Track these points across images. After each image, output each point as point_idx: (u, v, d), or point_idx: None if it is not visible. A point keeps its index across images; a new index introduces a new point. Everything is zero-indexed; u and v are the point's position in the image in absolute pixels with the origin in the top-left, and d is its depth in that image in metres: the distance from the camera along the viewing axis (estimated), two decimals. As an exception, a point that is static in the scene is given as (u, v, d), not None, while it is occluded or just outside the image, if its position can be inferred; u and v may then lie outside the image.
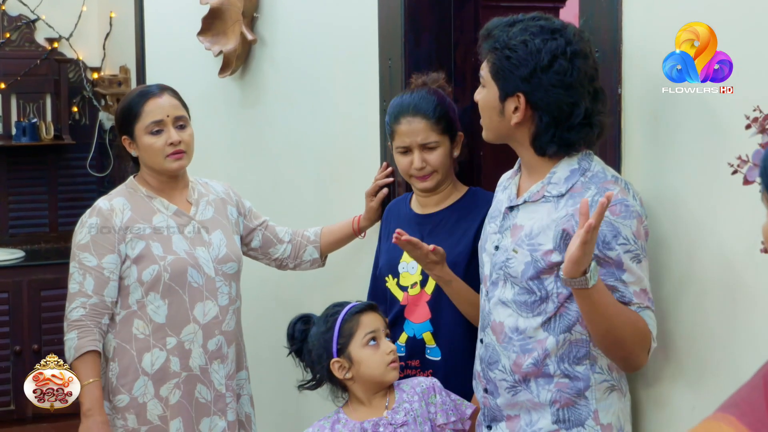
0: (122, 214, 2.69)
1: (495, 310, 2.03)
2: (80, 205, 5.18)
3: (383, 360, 2.21)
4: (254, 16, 3.61)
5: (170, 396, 2.69)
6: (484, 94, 2.02)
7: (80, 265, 2.67)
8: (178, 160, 2.70)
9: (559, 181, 1.98)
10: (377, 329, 2.25)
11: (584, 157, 1.99)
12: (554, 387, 1.97)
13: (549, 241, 1.94)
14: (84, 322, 2.65)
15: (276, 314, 3.64)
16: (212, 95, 3.91)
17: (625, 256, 1.89)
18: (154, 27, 4.70)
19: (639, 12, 2.04)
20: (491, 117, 2.01)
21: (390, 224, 2.62)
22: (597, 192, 1.92)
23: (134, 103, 2.71)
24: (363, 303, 2.31)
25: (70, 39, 5.29)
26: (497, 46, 1.95)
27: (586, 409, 1.96)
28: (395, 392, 2.26)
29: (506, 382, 2.02)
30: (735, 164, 1.64)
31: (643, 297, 1.91)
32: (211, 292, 2.71)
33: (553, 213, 1.95)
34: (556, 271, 1.93)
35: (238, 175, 3.73)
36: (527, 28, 1.94)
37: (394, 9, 2.83)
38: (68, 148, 5.34)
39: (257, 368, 3.22)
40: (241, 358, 2.84)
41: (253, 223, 2.93)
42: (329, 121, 3.25)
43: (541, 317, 1.96)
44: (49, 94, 5.28)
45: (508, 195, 2.09)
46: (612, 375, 1.98)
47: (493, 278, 2.05)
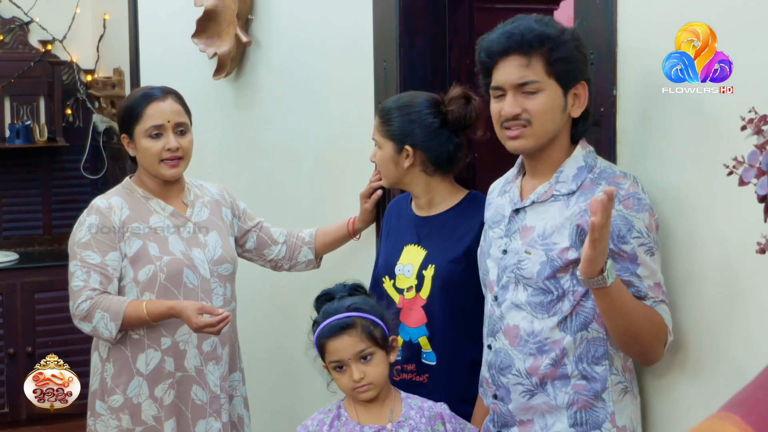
0: (120, 212, 2.69)
1: (508, 314, 2.02)
2: (74, 207, 5.19)
3: (348, 386, 2.17)
4: (249, 18, 3.60)
5: (165, 396, 2.69)
6: (544, 98, 1.95)
7: (83, 263, 2.64)
8: (173, 168, 2.70)
9: (567, 179, 1.98)
10: (342, 359, 2.16)
11: (589, 155, 2.00)
12: (571, 389, 1.96)
13: (564, 239, 1.94)
14: (95, 300, 2.59)
15: (271, 316, 3.64)
16: (207, 97, 3.91)
17: (640, 249, 1.89)
18: (148, 29, 4.70)
19: (634, 13, 2.04)
20: (554, 118, 1.97)
21: (390, 223, 2.61)
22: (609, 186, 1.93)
23: (136, 105, 2.71)
24: (337, 324, 2.17)
25: (63, 41, 5.28)
26: (561, 39, 1.94)
27: (603, 412, 1.96)
28: (402, 404, 2.21)
29: (521, 386, 2.01)
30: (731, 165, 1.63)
31: (657, 291, 1.91)
32: (206, 293, 2.71)
33: (565, 211, 1.96)
34: (572, 269, 1.93)
35: (232, 177, 3.72)
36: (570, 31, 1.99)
37: (389, 11, 2.84)
38: (62, 150, 5.33)
39: (253, 370, 3.22)
40: (234, 360, 2.83)
41: (247, 224, 2.93)
42: (324, 123, 3.25)
43: (556, 317, 1.96)
44: (42, 97, 5.27)
45: (510, 198, 2.09)
46: (625, 376, 1.98)
47: (503, 282, 2.04)
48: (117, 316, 2.58)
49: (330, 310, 2.22)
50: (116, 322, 2.58)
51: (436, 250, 2.44)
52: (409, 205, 2.57)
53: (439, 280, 2.40)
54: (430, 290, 2.42)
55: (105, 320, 2.59)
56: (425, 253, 2.45)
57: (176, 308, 2.57)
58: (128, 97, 2.82)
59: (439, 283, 2.40)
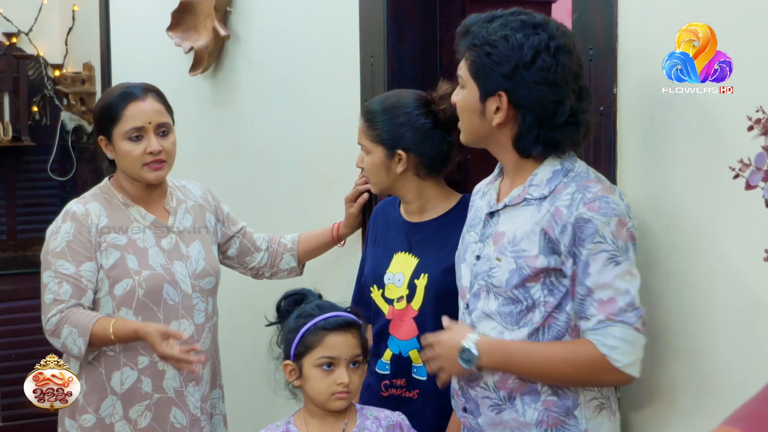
0: (98, 219, 2.65)
1: (479, 324, 2.03)
2: (40, 211, 5.18)
3: (329, 388, 2.14)
4: (227, 11, 3.60)
5: (140, 419, 2.67)
6: (463, 95, 2.02)
7: (56, 274, 2.61)
8: (156, 171, 2.66)
9: (541, 183, 1.98)
10: (338, 357, 2.15)
11: (568, 159, 2.00)
12: (541, 405, 1.97)
13: (534, 246, 1.94)
14: (65, 314, 2.58)
15: (251, 327, 3.63)
16: (183, 94, 3.90)
17: (599, 256, 1.88)
18: (120, 21, 4.69)
19: (635, 7, 2.05)
20: (471, 119, 2.02)
21: (377, 228, 2.60)
22: (576, 189, 1.92)
23: (114, 104, 2.66)
24: (344, 319, 2.19)
25: (29, 34, 5.26)
26: (476, 43, 1.96)
27: (575, 430, 1.96)
28: (357, 416, 2.21)
29: (489, 400, 2.02)
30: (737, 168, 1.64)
31: (607, 308, 1.89)
32: (187, 309, 2.69)
33: (536, 215, 1.96)
34: (542, 278, 1.94)
35: (210, 180, 3.70)
36: (507, 23, 1.95)
37: (377, 3, 2.84)
38: (28, 150, 5.31)
39: (231, 384, 3.21)
40: (215, 377, 2.82)
41: (231, 230, 2.91)
42: (307, 122, 3.25)
43: (527, 328, 1.96)
44: (7, 93, 5.25)
45: (487, 201, 2.10)
46: (602, 392, 1.99)
47: (474, 289, 2.05)
48: (84, 331, 2.55)
49: (327, 305, 2.22)
50: (84, 338, 2.56)
51: (429, 258, 2.44)
52: (397, 209, 2.57)
53: (433, 290, 2.40)
54: (422, 301, 2.42)
55: (73, 336, 2.56)
56: (417, 262, 2.46)
57: (141, 332, 2.52)
58: (104, 95, 2.78)
59: (432, 294, 2.40)
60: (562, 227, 1.91)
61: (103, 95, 2.81)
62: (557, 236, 1.91)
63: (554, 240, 1.92)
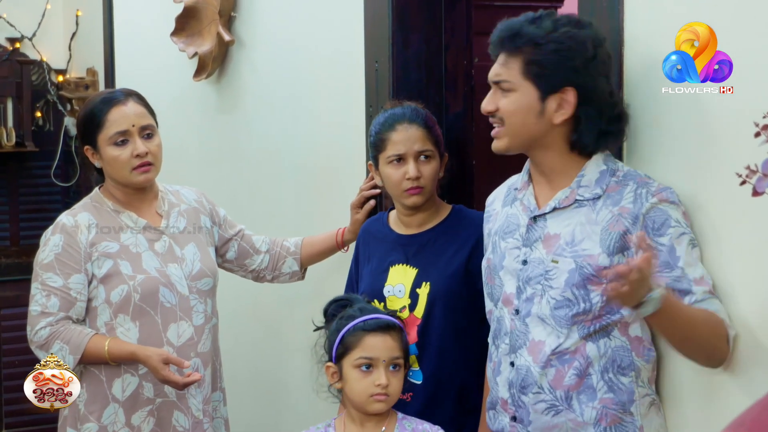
0: (88, 230, 2.65)
1: (533, 329, 2.03)
2: (44, 217, 5.16)
3: (367, 390, 2.16)
4: (232, 16, 3.61)
5: (143, 425, 2.67)
6: (514, 98, 2.01)
7: (43, 286, 2.62)
8: (144, 173, 2.66)
9: (590, 183, 2.01)
10: (376, 358, 2.16)
11: (609, 158, 2.04)
12: (599, 404, 1.98)
13: (595, 245, 1.96)
14: (56, 328, 2.59)
15: (253, 331, 3.64)
16: (186, 100, 3.91)
17: (681, 239, 1.92)
18: (123, 26, 4.70)
19: (641, 12, 2.06)
20: (525, 121, 2.01)
21: (369, 246, 2.63)
22: (638, 186, 1.96)
23: (97, 111, 2.67)
24: (383, 321, 2.20)
25: (33, 39, 5.28)
26: (539, 42, 1.97)
27: (632, 426, 1.98)
28: (397, 426, 2.22)
29: (545, 403, 2.01)
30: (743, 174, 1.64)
31: (703, 283, 1.91)
32: (185, 311, 2.70)
33: (593, 216, 1.98)
34: (603, 285, 1.92)
35: (212, 186, 3.72)
36: (558, 21, 1.99)
37: (382, 8, 2.85)
38: (31, 155, 5.31)
39: (234, 389, 3.21)
40: (216, 379, 2.82)
41: (228, 233, 2.91)
42: (312, 127, 3.25)
43: (581, 329, 1.98)
44: (10, 98, 5.26)
45: (524, 207, 2.10)
46: (652, 389, 2.01)
47: (527, 294, 2.05)
48: (77, 349, 2.57)
49: (369, 308, 2.25)
50: (75, 355, 2.57)
51: (429, 267, 2.48)
52: (386, 224, 2.61)
53: (436, 296, 2.44)
54: (425, 308, 2.44)
55: (64, 352, 2.57)
56: (416, 272, 2.49)
57: (139, 356, 2.54)
58: (86, 103, 2.76)
59: (436, 300, 2.44)
60: (633, 219, 1.94)
61: (85, 104, 2.79)
62: (629, 227, 1.93)
63: (626, 232, 1.93)
